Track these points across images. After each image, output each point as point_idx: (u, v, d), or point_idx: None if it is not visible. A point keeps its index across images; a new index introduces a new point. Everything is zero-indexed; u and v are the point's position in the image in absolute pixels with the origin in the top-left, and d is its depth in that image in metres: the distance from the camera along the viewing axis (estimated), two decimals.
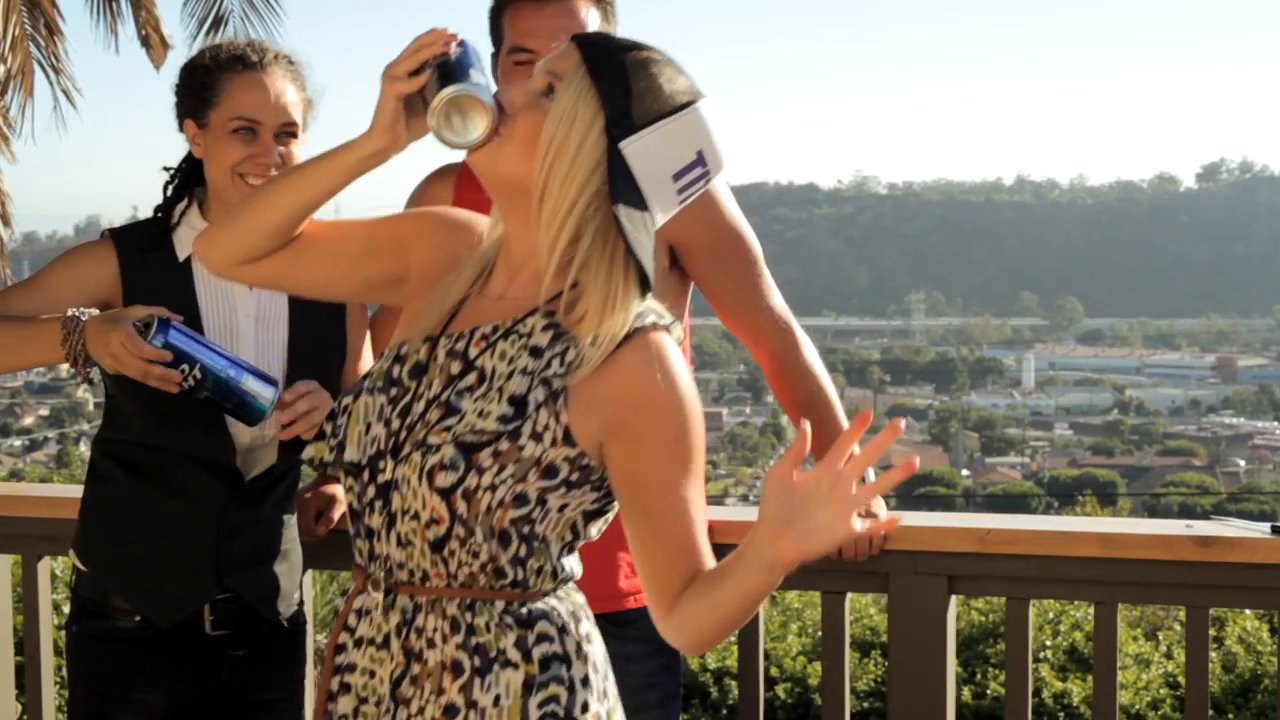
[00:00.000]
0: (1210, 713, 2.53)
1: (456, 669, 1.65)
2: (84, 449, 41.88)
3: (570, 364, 1.62)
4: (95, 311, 2.19)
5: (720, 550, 2.61)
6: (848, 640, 2.61)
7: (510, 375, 1.64)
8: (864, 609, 7.57)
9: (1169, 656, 7.29)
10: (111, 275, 2.29)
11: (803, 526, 1.50)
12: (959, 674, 6.65)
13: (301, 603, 2.49)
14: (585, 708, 1.67)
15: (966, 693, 6.67)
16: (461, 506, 1.61)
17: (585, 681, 1.68)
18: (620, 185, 1.60)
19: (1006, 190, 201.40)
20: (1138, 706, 6.70)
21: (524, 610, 1.67)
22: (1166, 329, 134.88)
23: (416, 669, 1.67)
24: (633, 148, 1.59)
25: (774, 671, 6.70)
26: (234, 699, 2.37)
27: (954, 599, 2.55)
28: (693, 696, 6.56)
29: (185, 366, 2.10)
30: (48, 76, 8.74)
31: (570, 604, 1.72)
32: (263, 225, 1.78)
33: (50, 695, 2.98)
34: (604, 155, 1.60)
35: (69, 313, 2.18)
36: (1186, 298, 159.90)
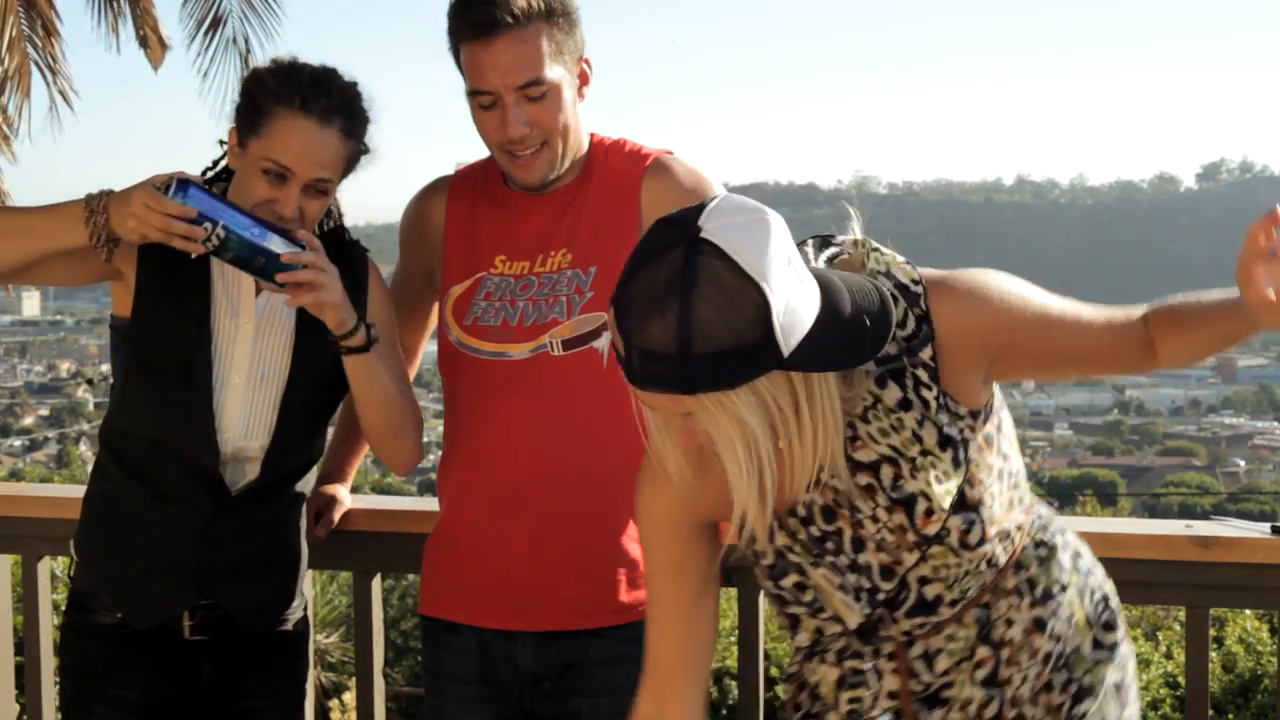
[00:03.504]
0: (1210, 713, 2.53)
1: (1039, 625, 1.77)
2: (84, 449, 41.90)
3: (931, 372, 1.67)
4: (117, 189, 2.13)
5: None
6: None
7: (915, 436, 1.68)
8: None
9: (1169, 656, 7.29)
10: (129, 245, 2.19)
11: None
12: None
13: (306, 610, 2.42)
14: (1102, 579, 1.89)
15: None
16: (992, 532, 1.72)
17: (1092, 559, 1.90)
18: (816, 363, 1.53)
19: (1006, 190, 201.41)
20: None
21: (1040, 535, 1.81)
22: None
23: (1006, 653, 1.76)
24: (800, 356, 1.50)
25: (774, 671, 6.70)
26: (216, 704, 2.33)
27: None
28: None
29: (208, 225, 2.06)
30: (45, 77, 8.74)
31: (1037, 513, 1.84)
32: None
33: (50, 695, 2.97)
34: (794, 386, 1.54)
35: (92, 191, 2.12)
36: None
